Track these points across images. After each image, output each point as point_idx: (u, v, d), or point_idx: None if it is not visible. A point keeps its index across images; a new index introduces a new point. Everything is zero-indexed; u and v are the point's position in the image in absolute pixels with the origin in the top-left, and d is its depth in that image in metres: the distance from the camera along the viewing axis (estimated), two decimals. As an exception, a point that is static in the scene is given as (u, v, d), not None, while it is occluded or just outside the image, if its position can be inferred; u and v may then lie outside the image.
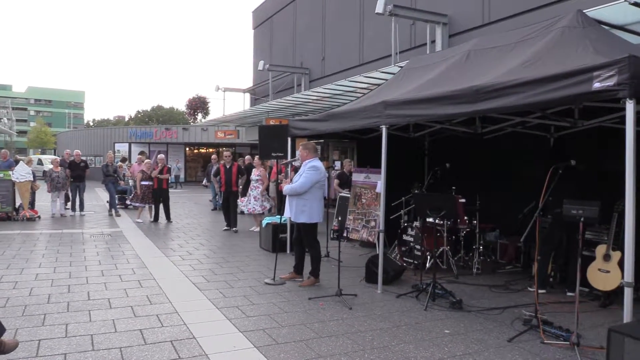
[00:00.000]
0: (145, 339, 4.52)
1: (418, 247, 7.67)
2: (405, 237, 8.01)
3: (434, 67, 6.76)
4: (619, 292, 5.80)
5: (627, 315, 3.68)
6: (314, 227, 6.72)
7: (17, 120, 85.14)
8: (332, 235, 8.59)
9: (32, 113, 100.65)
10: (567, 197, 4.89)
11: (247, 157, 16.12)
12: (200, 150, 36.67)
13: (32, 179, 13.06)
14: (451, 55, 6.80)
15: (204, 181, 26.98)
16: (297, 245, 6.92)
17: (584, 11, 5.51)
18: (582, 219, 4.40)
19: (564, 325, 4.87)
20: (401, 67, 8.50)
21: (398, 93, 6.29)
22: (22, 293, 5.96)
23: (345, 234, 8.43)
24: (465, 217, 7.52)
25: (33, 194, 13.55)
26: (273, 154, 9.26)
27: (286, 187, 6.62)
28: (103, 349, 4.26)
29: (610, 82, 3.60)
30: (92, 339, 4.47)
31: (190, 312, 5.37)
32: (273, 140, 9.03)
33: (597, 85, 3.67)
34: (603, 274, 5.78)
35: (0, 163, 13.73)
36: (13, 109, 64.84)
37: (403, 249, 8.00)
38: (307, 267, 6.88)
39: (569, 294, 6.35)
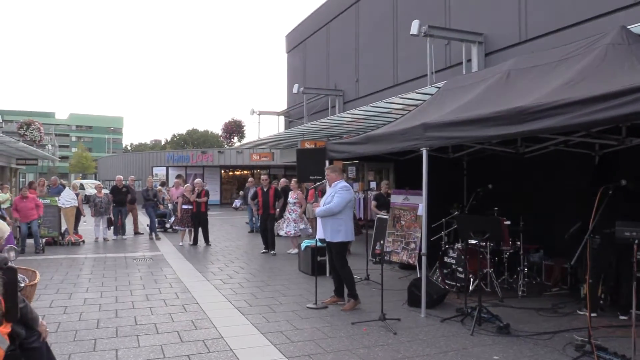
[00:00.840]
0: (193, 364, 4.57)
1: (460, 269, 7.55)
2: (446, 259, 7.90)
3: (473, 88, 6.73)
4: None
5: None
6: (346, 247, 6.76)
7: (60, 146, 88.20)
8: (375, 259, 8.55)
9: (73, 139, 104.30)
10: (616, 218, 4.77)
11: (283, 180, 16.24)
12: (235, 172, 37.15)
13: (76, 205, 13.46)
14: (490, 75, 6.76)
15: (235, 203, 27.23)
16: (335, 268, 6.92)
17: (628, 27, 5.42)
18: (636, 241, 4.27)
19: (619, 350, 4.69)
20: (438, 87, 8.49)
21: (438, 115, 6.27)
22: (72, 318, 6.12)
23: (388, 257, 8.37)
24: (509, 239, 7.37)
25: (78, 219, 13.96)
26: (311, 177, 9.33)
27: (320, 210, 6.65)
28: (153, 375, 4.32)
29: (662, 102, 3.51)
30: (142, 365, 4.55)
31: (236, 337, 5.40)
32: (311, 163, 9.11)
33: (648, 104, 3.59)
34: (658, 297, 5.56)
35: (51, 189, 14.27)
36: (56, 135, 67.27)
37: (445, 271, 7.89)
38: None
39: (622, 317, 6.13)
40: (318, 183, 7.04)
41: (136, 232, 15.55)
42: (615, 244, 5.85)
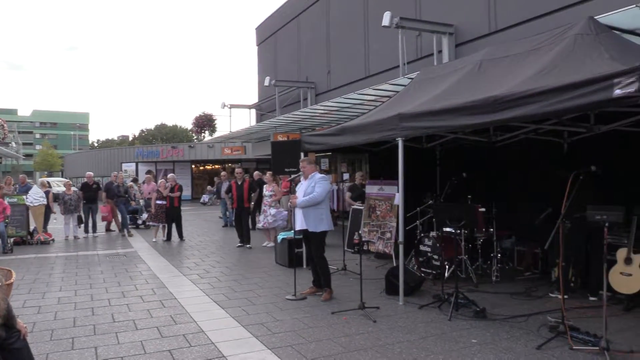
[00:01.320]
0: (175, 359, 4.55)
1: (436, 257, 7.68)
2: (422, 247, 8.02)
3: (446, 78, 6.82)
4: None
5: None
6: (325, 236, 6.81)
7: (23, 144, 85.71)
8: (354, 249, 8.61)
9: (37, 136, 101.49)
10: (585, 203, 4.93)
11: (256, 172, 16.17)
12: (207, 167, 36.81)
13: (45, 203, 13.14)
14: (462, 65, 6.86)
15: (203, 198, 26.90)
16: (312, 259, 6.95)
17: (595, 17, 5.56)
18: (606, 224, 4.42)
19: (591, 330, 4.86)
20: (411, 78, 8.58)
21: (412, 105, 6.34)
22: (47, 317, 6.00)
23: (366, 247, 8.44)
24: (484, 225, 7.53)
25: (48, 217, 13.64)
26: (286, 169, 9.34)
27: (302, 200, 6.65)
28: (135, 370, 4.29)
29: (631, 89, 3.64)
30: (123, 361, 4.50)
31: (216, 330, 5.39)
32: (286, 156, 9.11)
33: (618, 92, 3.71)
34: (625, 278, 5.78)
35: (20, 188, 13.90)
36: (19, 132, 65.34)
37: (420, 259, 8.01)
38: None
39: (592, 298, 6.35)
40: (294, 175, 7.07)
41: (107, 229, 15.28)
42: (585, 228, 6.06)
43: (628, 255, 5.79)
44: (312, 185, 6.70)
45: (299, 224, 6.74)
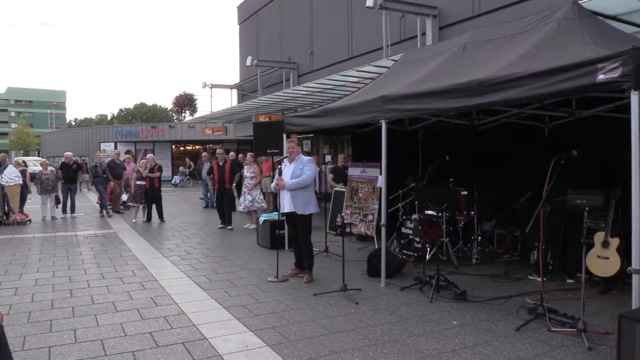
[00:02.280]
0: (156, 341, 4.51)
1: (417, 239, 7.73)
2: (403, 230, 8.06)
3: (430, 61, 6.78)
4: (617, 278, 5.95)
5: (635, 302, 3.75)
6: (311, 219, 6.81)
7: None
8: (336, 232, 8.61)
9: (12, 114, 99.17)
10: (565, 187, 4.99)
11: (232, 153, 15.94)
12: (187, 147, 36.42)
13: (21, 182, 12.87)
14: (446, 48, 6.83)
15: (175, 179, 26.52)
16: (296, 241, 6.94)
17: (579, 2, 5.56)
18: (587, 208, 4.47)
19: (568, 312, 4.95)
20: (395, 60, 8.52)
21: (396, 87, 6.30)
22: (24, 299, 5.90)
23: (349, 229, 8.45)
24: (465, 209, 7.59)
25: (24, 197, 13.38)
26: (268, 151, 9.28)
27: (291, 182, 6.57)
28: (115, 353, 4.24)
29: (614, 74, 3.65)
30: (102, 344, 4.45)
31: (198, 312, 5.36)
32: (268, 137, 9.04)
33: (601, 77, 3.73)
34: (602, 261, 5.89)
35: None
36: (-7, 110, 63.84)
37: (402, 242, 8.05)
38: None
39: (569, 281, 6.47)
40: (282, 157, 6.99)
41: (116, 211, 15.00)
42: (564, 212, 6.14)
43: (605, 238, 5.89)
44: (300, 167, 6.65)
45: (287, 206, 6.68)
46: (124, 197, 15.56)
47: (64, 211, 14.08)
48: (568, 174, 5.68)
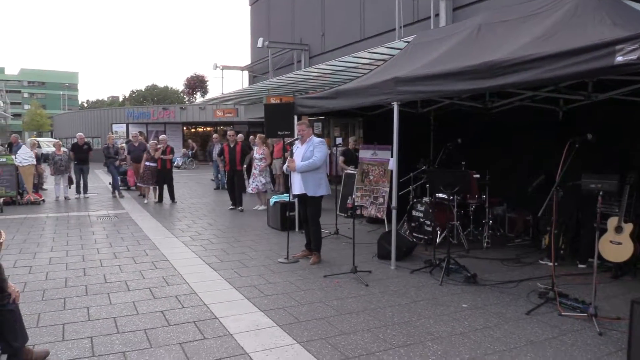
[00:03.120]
0: (168, 320, 4.57)
1: (428, 222, 7.71)
2: (414, 213, 8.04)
3: (444, 42, 6.69)
4: (630, 263, 5.90)
5: (648, 287, 3.71)
6: (321, 201, 6.80)
7: (11, 103, 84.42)
8: (347, 214, 8.62)
9: (25, 95, 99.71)
10: (579, 171, 4.93)
11: (240, 135, 15.90)
12: (198, 129, 36.48)
13: (34, 163, 13.00)
14: (460, 29, 6.72)
15: (177, 161, 26.31)
16: (307, 222, 6.94)
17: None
18: (600, 193, 4.42)
19: (579, 297, 4.93)
20: (407, 41, 8.43)
21: (409, 69, 6.24)
22: (39, 277, 5.99)
23: (359, 212, 8.45)
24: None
25: (39, 177, 13.54)
26: (279, 132, 9.23)
27: (301, 165, 6.57)
28: (128, 331, 4.30)
29: (633, 56, 3.57)
30: (115, 322, 4.51)
31: (209, 292, 5.41)
32: (279, 119, 8.98)
33: (619, 59, 3.65)
34: (615, 246, 5.83)
35: (14, 147, 13.75)
36: (6, 91, 64.18)
37: (412, 224, 8.04)
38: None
39: (580, 266, 6.42)
40: (293, 139, 6.97)
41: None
42: (577, 197, 6.08)
43: (619, 223, 5.83)
44: (310, 149, 6.63)
45: (297, 188, 6.70)
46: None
47: (78, 191, 14.22)
48: (582, 158, 5.61)
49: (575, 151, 5.02)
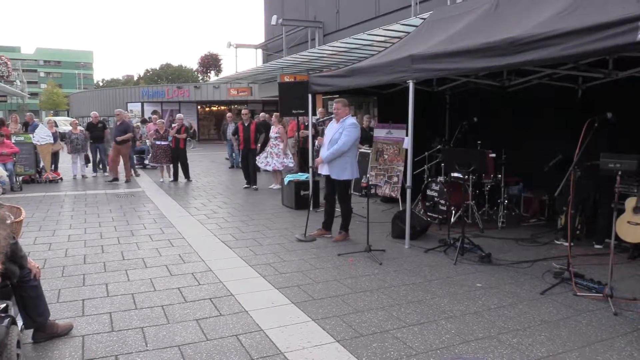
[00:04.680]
0: (184, 297, 4.64)
1: (442, 202, 7.68)
2: (429, 192, 8.01)
3: (461, 19, 6.58)
4: (648, 244, 5.83)
5: (666, 268, 3.68)
6: (351, 183, 6.78)
7: (28, 82, 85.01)
8: (361, 192, 8.62)
9: (41, 74, 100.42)
10: (597, 151, 4.85)
11: (262, 114, 16.01)
12: (212, 108, 36.51)
13: (52, 142, 13.14)
14: (478, 5, 6.60)
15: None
16: (330, 202, 6.95)
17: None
18: (619, 173, 4.36)
19: (595, 277, 4.90)
20: (423, 18, 8.30)
21: (425, 46, 6.15)
22: (58, 254, 6.10)
23: (373, 191, 8.45)
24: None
25: (56, 155, 13.71)
26: (294, 111, 9.23)
27: (327, 155, 6.52)
28: (146, 307, 4.38)
29: (657, 32, 3.48)
30: (133, 298, 4.60)
31: (224, 270, 5.47)
32: (293, 97, 8.98)
33: (643, 35, 3.55)
34: (632, 227, 5.74)
35: (30, 126, 13.91)
36: (23, 70, 64.62)
37: (427, 204, 8.02)
38: (336, 223, 6.96)
39: (597, 246, 6.37)
40: (325, 118, 6.88)
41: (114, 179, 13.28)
42: (594, 176, 5.99)
43: (637, 204, 5.74)
44: (340, 131, 6.50)
45: (325, 169, 6.69)
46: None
47: (95, 170, 14.37)
48: (602, 137, 5.52)
49: (595, 130, 4.95)
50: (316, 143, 6.82)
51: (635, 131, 6.09)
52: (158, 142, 12.97)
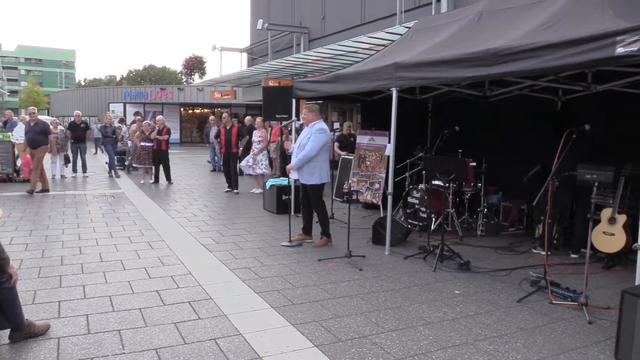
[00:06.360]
0: (163, 300, 4.60)
1: (423, 209, 7.74)
2: (410, 199, 8.07)
3: (445, 28, 6.66)
4: (622, 254, 5.96)
5: (639, 278, 3.76)
6: (322, 188, 6.79)
7: (8, 80, 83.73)
8: (343, 198, 8.65)
9: (22, 72, 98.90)
10: (574, 162, 4.95)
11: (248, 118, 15.97)
12: (196, 110, 36.32)
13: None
14: (462, 16, 6.69)
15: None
16: (306, 207, 6.96)
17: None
18: (596, 184, 4.45)
19: (571, 286, 4.98)
20: (408, 27, 8.38)
21: (409, 55, 6.22)
22: (35, 255, 6.00)
23: (355, 197, 8.48)
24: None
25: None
26: (277, 115, 9.23)
27: (295, 162, 6.57)
28: (123, 310, 4.33)
29: (634, 47, 3.57)
30: (111, 300, 4.54)
31: (204, 273, 5.44)
32: (277, 102, 8.98)
33: (620, 50, 3.64)
34: (607, 237, 5.87)
35: (8, 124, 13.68)
36: (3, 67, 63.61)
37: (408, 211, 8.07)
38: (316, 228, 6.97)
39: (573, 255, 6.48)
40: (287, 122, 6.95)
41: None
42: (572, 187, 6.11)
43: (612, 215, 5.87)
44: (308, 136, 6.56)
45: (295, 173, 6.72)
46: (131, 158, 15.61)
47: (74, 170, 14.19)
48: (579, 149, 5.63)
49: (573, 142, 5.05)
50: (287, 149, 6.85)
51: (612, 143, 6.22)
52: (143, 144, 12.86)
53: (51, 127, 11.91)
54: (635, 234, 3.94)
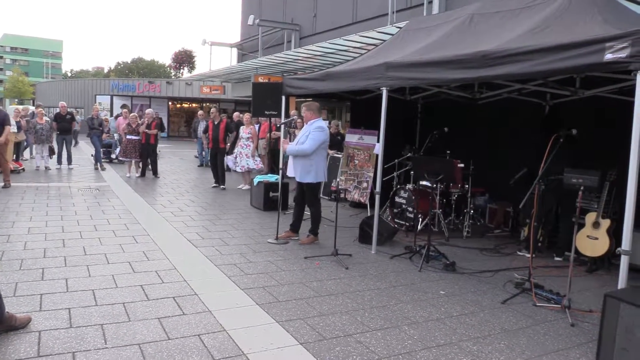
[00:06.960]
0: (147, 294, 4.56)
1: (410, 209, 7.77)
2: (397, 199, 8.09)
3: (436, 30, 6.68)
4: (605, 258, 6.03)
5: (622, 281, 3.80)
6: (319, 187, 6.79)
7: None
8: (331, 197, 8.65)
9: (7, 61, 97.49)
10: (560, 166, 5.00)
11: (235, 114, 15.91)
12: (184, 105, 36.07)
13: (15, 131, 12.75)
14: (453, 18, 6.71)
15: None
16: (298, 204, 6.94)
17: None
18: (581, 188, 4.49)
19: (554, 289, 5.03)
20: (399, 27, 8.39)
21: (400, 55, 6.22)
22: (17, 247, 5.92)
23: (343, 195, 8.48)
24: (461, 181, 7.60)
25: (19, 145, 13.30)
26: (266, 112, 9.18)
27: (291, 149, 6.56)
28: (106, 304, 4.28)
29: (622, 54, 3.60)
30: (94, 294, 4.49)
31: (189, 268, 5.40)
32: (267, 98, 8.93)
33: (609, 56, 3.68)
34: (591, 241, 5.95)
35: None
36: (-12, 56, 62.67)
37: (395, 210, 8.09)
38: (304, 226, 6.96)
39: (557, 258, 6.54)
40: (289, 119, 6.91)
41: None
42: (557, 191, 6.17)
43: (596, 219, 5.94)
44: (306, 134, 6.54)
45: (290, 170, 6.71)
46: (118, 150, 15.46)
47: (59, 162, 14.01)
48: (566, 153, 5.68)
49: (560, 146, 5.09)
50: (281, 149, 6.85)
51: (598, 148, 6.29)
52: (129, 137, 12.73)
53: (19, 118, 11.48)
54: (618, 238, 3.98)
